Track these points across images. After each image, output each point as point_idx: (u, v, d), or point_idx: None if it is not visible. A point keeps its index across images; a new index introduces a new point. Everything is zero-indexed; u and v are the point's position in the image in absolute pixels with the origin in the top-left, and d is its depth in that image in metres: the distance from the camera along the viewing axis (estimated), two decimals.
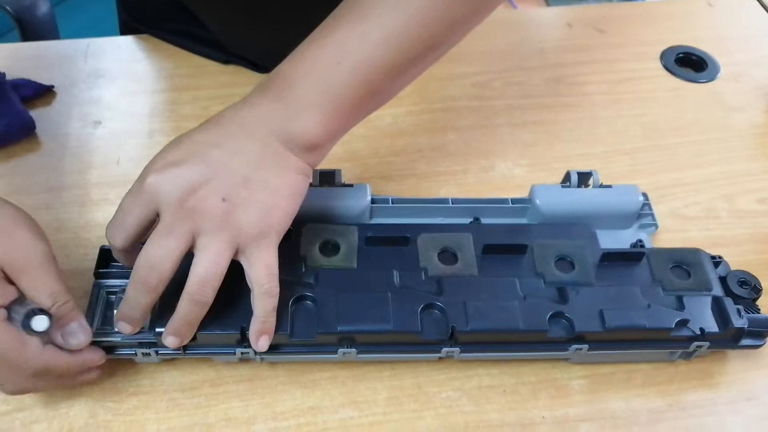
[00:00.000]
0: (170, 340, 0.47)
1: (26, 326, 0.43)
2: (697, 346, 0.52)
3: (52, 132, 0.68)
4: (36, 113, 0.68)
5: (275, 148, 0.47)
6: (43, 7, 1.09)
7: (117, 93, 0.72)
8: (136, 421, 0.50)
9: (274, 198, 0.47)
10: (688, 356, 0.54)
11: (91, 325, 0.48)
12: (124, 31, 0.82)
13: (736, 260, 0.56)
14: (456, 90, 0.74)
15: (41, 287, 0.45)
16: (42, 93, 0.70)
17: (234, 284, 0.47)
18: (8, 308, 0.44)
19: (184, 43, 0.76)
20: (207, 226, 0.45)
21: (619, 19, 0.85)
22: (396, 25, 0.47)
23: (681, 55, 0.80)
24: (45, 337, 0.45)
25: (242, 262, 0.47)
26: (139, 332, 0.48)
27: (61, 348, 0.46)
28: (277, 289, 0.47)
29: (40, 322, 0.43)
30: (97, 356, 0.48)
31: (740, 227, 0.64)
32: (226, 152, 0.46)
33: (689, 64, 0.80)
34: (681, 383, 0.54)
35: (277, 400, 0.51)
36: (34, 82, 0.70)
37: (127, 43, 0.78)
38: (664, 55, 0.80)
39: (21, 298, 0.45)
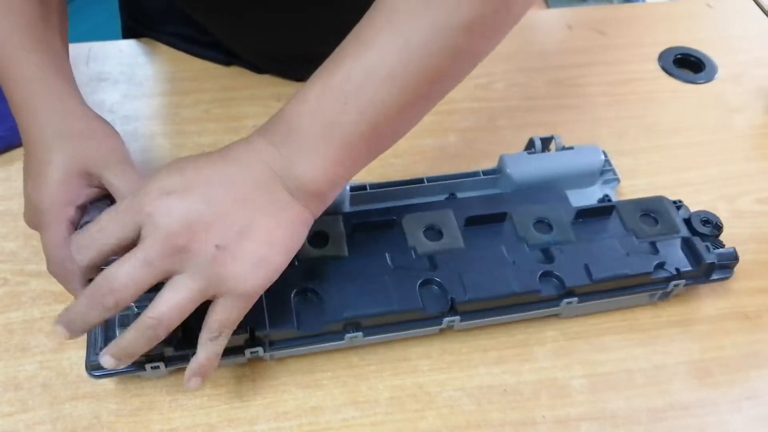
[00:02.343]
0: (106, 360, 0.44)
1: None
2: (675, 285, 0.56)
3: None
4: None
5: (280, 196, 0.45)
6: None
7: (119, 97, 0.72)
8: (139, 422, 0.50)
9: (270, 251, 0.44)
10: (665, 296, 0.57)
11: (93, 351, 0.48)
12: (126, 34, 0.82)
13: None
14: (457, 92, 0.73)
15: (121, 181, 0.50)
16: None
17: None
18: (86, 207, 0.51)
19: (185, 46, 0.76)
20: (190, 268, 0.42)
21: (619, 20, 0.85)
22: (400, 59, 0.43)
23: (679, 56, 0.80)
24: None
25: (212, 302, 0.44)
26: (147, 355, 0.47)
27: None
28: (225, 342, 0.46)
29: None
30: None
31: (740, 227, 0.64)
32: (230, 194, 0.44)
33: (687, 65, 0.80)
34: (682, 383, 0.54)
35: (279, 401, 0.52)
36: None
37: (128, 46, 0.78)
38: (662, 57, 0.80)
39: (95, 208, 0.51)
